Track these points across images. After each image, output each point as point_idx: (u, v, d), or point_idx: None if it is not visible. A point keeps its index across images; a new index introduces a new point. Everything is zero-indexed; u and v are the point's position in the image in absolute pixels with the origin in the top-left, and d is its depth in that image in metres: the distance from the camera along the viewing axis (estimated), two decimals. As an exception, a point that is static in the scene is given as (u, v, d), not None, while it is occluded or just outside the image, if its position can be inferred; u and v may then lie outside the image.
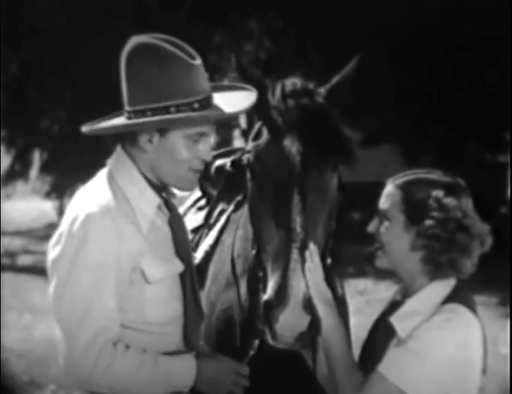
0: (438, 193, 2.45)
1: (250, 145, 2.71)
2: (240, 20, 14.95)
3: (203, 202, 3.43)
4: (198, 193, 3.44)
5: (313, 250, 2.51)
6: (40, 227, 19.44)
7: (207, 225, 3.28)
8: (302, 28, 14.24)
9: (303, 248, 2.49)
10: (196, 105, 2.46)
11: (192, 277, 2.61)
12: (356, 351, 3.05)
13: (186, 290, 2.56)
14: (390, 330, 2.49)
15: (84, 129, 2.56)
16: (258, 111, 2.68)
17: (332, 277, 3.00)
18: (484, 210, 2.58)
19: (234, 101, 2.57)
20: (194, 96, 2.46)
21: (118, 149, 2.58)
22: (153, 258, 2.47)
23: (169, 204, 2.60)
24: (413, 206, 2.47)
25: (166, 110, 2.44)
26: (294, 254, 2.48)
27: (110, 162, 2.57)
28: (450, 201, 2.44)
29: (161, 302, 2.49)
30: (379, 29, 13.07)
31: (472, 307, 2.46)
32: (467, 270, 2.47)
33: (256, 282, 2.65)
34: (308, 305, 2.46)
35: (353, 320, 3.25)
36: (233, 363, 2.58)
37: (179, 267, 2.54)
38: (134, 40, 2.49)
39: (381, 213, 2.55)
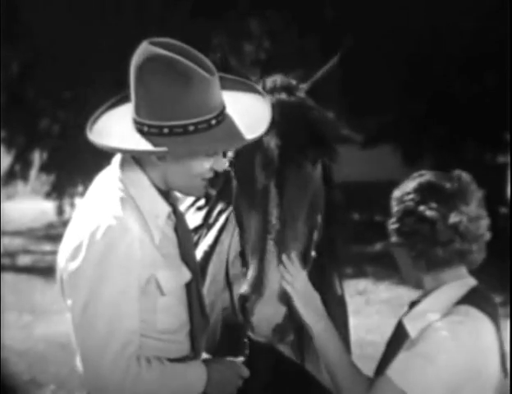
0: (397, 192, 2.52)
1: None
2: (239, 20, 14.95)
3: (202, 202, 3.42)
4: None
5: (291, 259, 2.51)
6: (40, 227, 19.45)
7: (206, 225, 3.29)
8: (302, 28, 14.24)
9: (279, 240, 2.51)
10: (213, 121, 2.42)
11: (197, 284, 2.61)
12: (356, 351, 3.06)
13: (192, 297, 2.55)
14: (405, 332, 2.48)
15: (95, 141, 2.45)
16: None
17: (332, 277, 3.00)
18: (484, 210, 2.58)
19: (246, 111, 2.51)
20: (210, 112, 2.41)
21: (126, 155, 2.52)
22: (167, 270, 2.46)
23: (176, 211, 2.58)
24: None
25: (184, 128, 2.38)
26: (270, 245, 2.50)
27: (118, 167, 2.51)
28: (403, 196, 2.49)
29: (170, 311, 2.49)
30: (379, 29, 13.07)
31: (486, 310, 2.43)
32: (442, 260, 2.46)
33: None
34: (284, 296, 2.46)
35: (352, 320, 3.25)
36: (236, 365, 2.59)
37: (187, 275, 2.53)
38: (149, 50, 2.39)
39: None
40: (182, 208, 3.49)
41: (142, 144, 2.40)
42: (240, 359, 2.63)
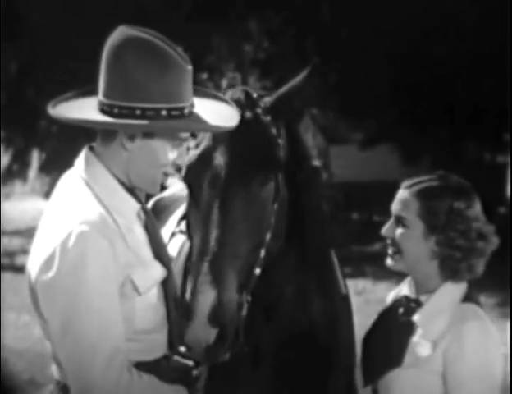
0: (460, 204, 2.52)
1: (188, 156, 2.70)
2: (238, 20, 14.95)
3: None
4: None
5: None
6: (39, 227, 19.39)
7: None
8: (301, 28, 14.24)
9: (213, 261, 2.49)
10: (186, 111, 2.42)
11: (172, 279, 2.57)
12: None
13: (168, 294, 2.52)
14: (407, 328, 2.53)
15: (60, 115, 2.45)
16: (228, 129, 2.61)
17: (336, 275, 3.01)
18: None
19: (213, 114, 2.51)
20: (183, 102, 2.41)
21: (86, 153, 2.49)
22: (141, 269, 2.41)
23: (144, 207, 2.54)
24: (435, 216, 2.53)
25: (157, 112, 2.36)
26: (204, 267, 2.48)
27: (81, 167, 2.47)
28: (471, 212, 2.53)
29: (148, 310, 2.44)
30: (378, 28, 13.07)
31: (481, 305, 2.55)
32: (480, 272, 2.57)
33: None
34: (215, 318, 2.45)
35: (352, 320, 3.25)
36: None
37: (163, 272, 2.49)
38: (126, 32, 2.40)
39: (398, 219, 2.59)
40: (182, 208, 3.48)
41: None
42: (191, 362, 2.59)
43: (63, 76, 14.56)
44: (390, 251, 2.62)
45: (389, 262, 2.63)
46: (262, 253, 2.64)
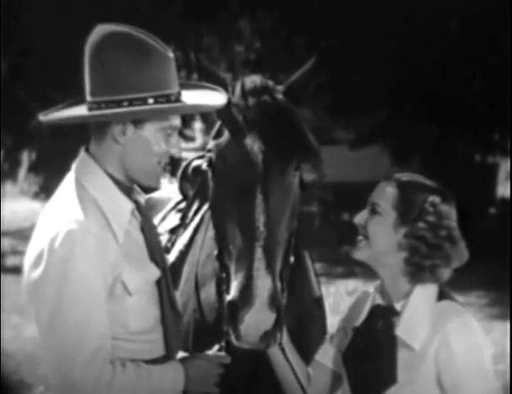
0: (435, 198, 2.48)
1: (211, 144, 2.70)
2: (230, 21, 14.96)
3: (183, 204, 3.40)
4: (179, 196, 3.43)
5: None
6: (29, 227, 19.33)
7: (183, 224, 3.26)
8: (292, 28, 14.25)
9: (266, 246, 2.50)
10: (173, 98, 2.44)
11: (167, 281, 2.57)
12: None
13: (163, 295, 2.52)
14: (391, 343, 2.48)
15: (51, 118, 2.49)
16: (217, 109, 2.62)
17: (310, 278, 3.00)
18: (474, 210, 2.60)
19: (202, 98, 2.54)
20: (169, 89, 2.44)
21: (82, 154, 2.51)
22: (132, 269, 2.42)
23: (140, 207, 2.55)
24: (408, 206, 2.49)
25: (143, 101, 2.40)
26: (258, 252, 2.49)
27: (76, 168, 2.51)
28: (445, 208, 2.48)
29: (141, 311, 2.45)
30: (370, 28, 13.09)
31: (454, 298, 2.51)
32: (443, 278, 2.51)
33: (220, 283, 2.65)
34: (274, 303, 2.46)
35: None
36: (214, 355, 2.58)
37: (156, 273, 2.50)
38: (102, 29, 2.43)
39: (372, 206, 2.56)
40: (164, 211, 3.48)
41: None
42: (216, 347, 2.62)
43: (54, 77, 14.54)
44: (358, 238, 2.57)
45: (354, 252, 2.58)
46: (293, 240, 2.66)
